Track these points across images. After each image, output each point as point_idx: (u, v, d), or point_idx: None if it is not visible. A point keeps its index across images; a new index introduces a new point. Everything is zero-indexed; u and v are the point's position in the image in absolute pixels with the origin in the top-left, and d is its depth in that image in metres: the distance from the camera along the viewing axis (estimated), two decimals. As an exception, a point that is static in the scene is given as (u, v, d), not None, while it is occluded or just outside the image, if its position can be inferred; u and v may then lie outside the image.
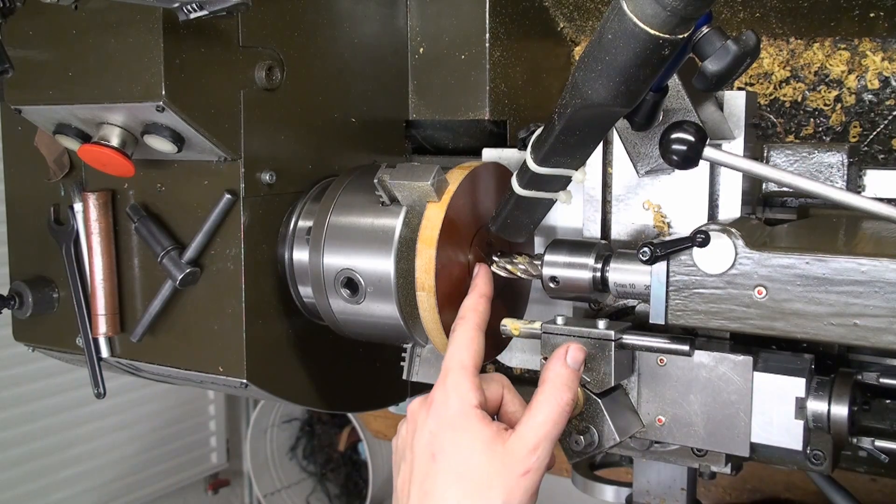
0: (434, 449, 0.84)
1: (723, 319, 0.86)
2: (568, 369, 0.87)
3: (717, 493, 1.96)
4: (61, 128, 1.12)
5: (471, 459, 0.81)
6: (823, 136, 1.35)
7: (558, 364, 0.88)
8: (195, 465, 3.18)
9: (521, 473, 0.80)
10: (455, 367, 0.88)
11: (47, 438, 2.65)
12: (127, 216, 1.19)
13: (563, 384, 0.86)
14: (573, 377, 0.87)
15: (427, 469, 0.83)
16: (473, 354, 0.89)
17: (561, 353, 0.89)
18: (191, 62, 1.03)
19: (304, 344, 1.23)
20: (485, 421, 0.84)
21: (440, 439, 0.84)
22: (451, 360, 0.89)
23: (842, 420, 0.92)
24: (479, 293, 0.99)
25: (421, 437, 0.85)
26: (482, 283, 1.01)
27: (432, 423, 0.85)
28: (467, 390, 0.85)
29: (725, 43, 0.73)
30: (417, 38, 1.36)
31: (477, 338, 0.91)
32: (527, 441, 0.82)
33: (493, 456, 0.81)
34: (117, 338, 1.24)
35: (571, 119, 0.81)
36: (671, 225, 1.05)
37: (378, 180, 1.04)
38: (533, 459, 0.81)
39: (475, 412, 0.84)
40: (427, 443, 0.84)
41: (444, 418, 0.84)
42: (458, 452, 0.82)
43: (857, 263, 0.79)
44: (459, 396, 0.85)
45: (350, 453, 3.23)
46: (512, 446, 0.82)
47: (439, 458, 0.83)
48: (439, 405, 0.85)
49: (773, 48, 1.36)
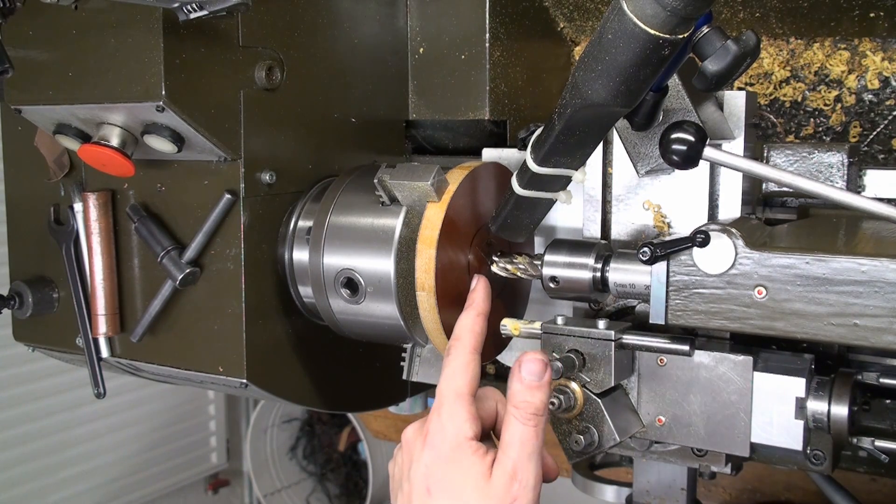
0: (429, 483, 0.84)
1: (723, 319, 0.86)
2: (523, 384, 0.85)
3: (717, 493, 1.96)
4: (61, 128, 1.12)
5: (464, 495, 0.82)
6: (823, 136, 1.35)
7: (513, 381, 0.86)
8: (195, 465, 3.18)
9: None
10: (450, 395, 0.87)
11: (47, 438, 2.65)
12: (127, 216, 1.19)
13: (522, 401, 0.84)
14: (531, 391, 0.85)
15: (423, 502, 0.84)
16: (469, 380, 0.88)
17: (515, 368, 0.87)
18: (191, 62, 1.03)
19: (304, 344, 1.23)
20: (478, 454, 0.84)
21: (435, 473, 0.84)
22: (446, 387, 0.88)
23: (842, 420, 0.92)
24: (477, 311, 0.96)
25: (417, 469, 0.86)
26: (480, 299, 0.97)
27: (427, 457, 0.85)
28: (463, 421, 0.85)
29: (725, 43, 0.73)
30: (417, 38, 1.36)
31: (472, 362, 0.90)
32: (505, 470, 0.82)
33: (482, 491, 0.82)
34: (117, 338, 1.24)
35: (571, 119, 0.81)
36: (671, 225, 1.05)
37: (378, 180, 1.04)
38: (515, 487, 0.81)
39: (469, 445, 0.84)
40: (423, 475, 0.85)
41: (440, 452, 0.84)
42: (452, 487, 0.83)
43: (857, 263, 0.79)
44: (455, 428, 0.85)
45: (350, 453, 3.23)
46: (495, 479, 0.82)
47: (434, 492, 0.84)
48: (434, 436, 0.85)
49: (773, 48, 1.36)
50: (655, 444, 1.06)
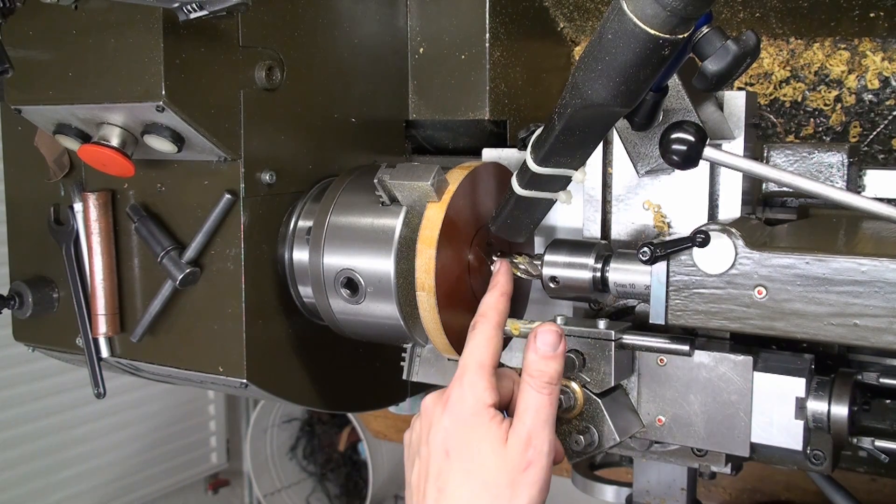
0: (448, 446, 0.86)
1: (723, 319, 0.86)
2: (538, 354, 0.87)
3: (717, 493, 1.96)
4: (61, 128, 1.12)
5: (481, 458, 0.84)
6: (823, 136, 1.35)
7: (528, 352, 0.89)
8: (195, 465, 3.18)
9: (522, 469, 0.83)
10: (473, 365, 0.89)
11: (47, 438, 2.65)
12: (127, 216, 1.19)
13: (537, 370, 0.87)
14: (546, 360, 0.87)
15: (441, 465, 0.86)
16: (492, 354, 0.90)
17: (530, 339, 0.89)
18: (191, 62, 1.03)
19: (304, 344, 1.23)
20: (496, 420, 0.86)
21: (454, 437, 0.86)
22: (469, 357, 0.90)
23: (842, 420, 0.92)
24: (501, 291, 0.99)
25: (436, 433, 0.88)
26: (504, 280, 1.01)
27: (447, 421, 0.87)
28: (483, 389, 0.87)
29: (725, 43, 0.73)
30: (417, 38, 1.36)
31: (496, 337, 0.92)
32: (520, 437, 0.84)
33: (499, 455, 0.84)
34: (117, 338, 1.24)
35: (571, 119, 0.81)
36: (671, 225, 1.05)
37: (378, 180, 1.04)
38: (530, 452, 0.84)
39: (488, 412, 0.86)
40: (442, 440, 0.87)
41: (459, 416, 0.87)
42: (470, 451, 0.85)
43: (857, 263, 0.79)
44: (475, 395, 0.87)
45: (350, 453, 3.23)
46: (511, 444, 0.84)
47: (453, 456, 0.86)
48: (455, 403, 0.87)
49: (773, 48, 1.36)
50: (655, 444, 1.06)
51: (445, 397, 0.89)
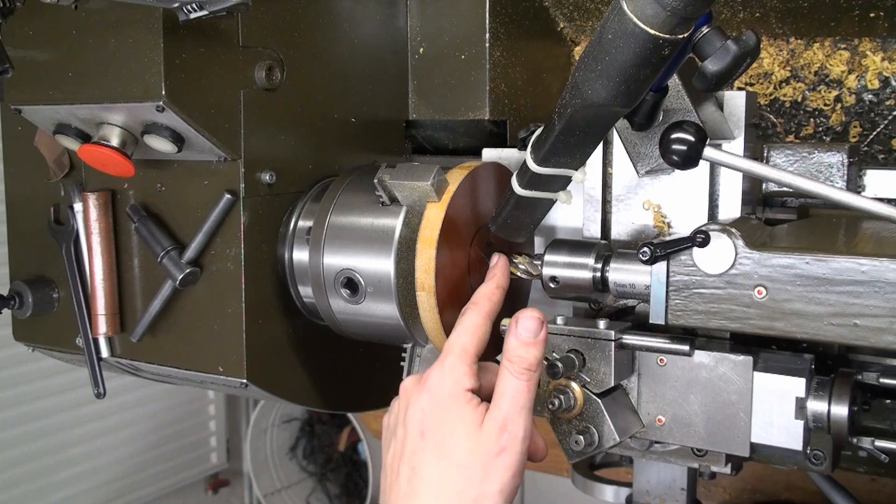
0: (424, 426, 0.86)
1: (723, 319, 0.86)
2: (519, 339, 0.87)
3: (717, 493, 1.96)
4: (61, 128, 1.12)
5: (455, 440, 0.84)
6: (823, 136, 1.35)
7: (509, 338, 0.88)
8: (195, 465, 3.18)
9: (495, 454, 0.83)
10: (456, 349, 0.89)
11: (47, 438, 2.65)
12: (127, 216, 1.19)
13: (516, 356, 0.86)
14: (526, 346, 0.87)
15: (415, 446, 0.86)
16: (477, 341, 0.91)
17: (511, 325, 0.89)
18: (191, 62, 1.03)
19: (304, 344, 1.23)
20: (472, 403, 0.86)
21: (430, 417, 0.86)
22: (454, 342, 0.90)
23: (842, 420, 0.92)
24: (497, 283, 0.99)
25: (413, 413, 0.88)
26: (500, 273, 1.02)
27: (424, 401, 0.87)
28: (463, 374, 0.87)
29: (725, 43, 0.73)
30: (417, 38, 1.36)
31: (484, 325, 0.92)
32: (496, 421, 0.84)
33: (473, 438, 0.84)
34: (117, 338, 1.24)
35: (571, 119, 0.81)
36: (671, 225, 1.05)
37: (378, 180, 1.04)
38: (504, 438, 0.83)
39: (465, 395, 0.86)
40: (418, 420, 0.87)
41: (437, 397, 0.87)
42: (445, 432, 0.85)
43: (857, 263, 0.79)
44: (454, 378, 0.87)
45: (350, 453, 3.23)
46: (486, 428, 0.84)
47: (427, 436, 0.86)
48: (434, 384, 0.88)
49: (773, 48, 1.36)
50: (655, 444, 1.06)
51: (425, 378, 0.89)
